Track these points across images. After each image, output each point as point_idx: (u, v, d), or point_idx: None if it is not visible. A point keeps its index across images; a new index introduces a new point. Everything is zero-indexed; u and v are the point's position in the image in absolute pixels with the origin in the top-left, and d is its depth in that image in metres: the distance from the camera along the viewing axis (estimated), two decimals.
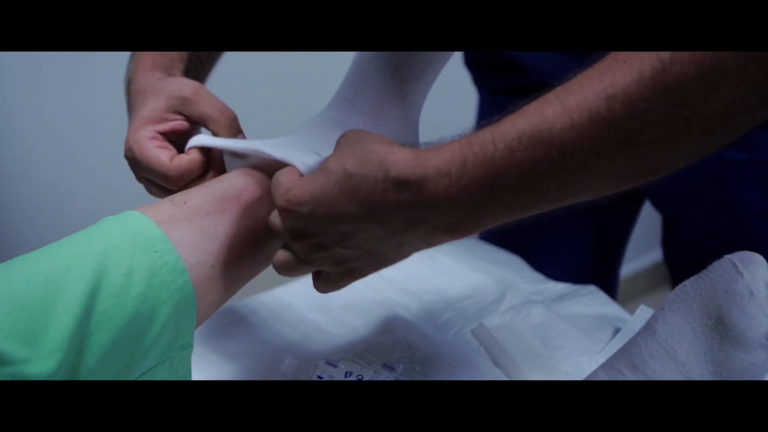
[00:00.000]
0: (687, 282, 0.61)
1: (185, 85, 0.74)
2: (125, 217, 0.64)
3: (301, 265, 0.63)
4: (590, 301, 0.90)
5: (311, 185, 0.59)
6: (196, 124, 0.74)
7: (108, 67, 0.90)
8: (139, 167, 0.72)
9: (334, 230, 0.59)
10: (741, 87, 0.51)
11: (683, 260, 1.00)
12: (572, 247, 1.10)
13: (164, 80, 0.75)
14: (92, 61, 1.80)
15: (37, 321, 0.55)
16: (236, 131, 0.74)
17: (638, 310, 0.83)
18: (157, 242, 0.62)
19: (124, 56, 0.85)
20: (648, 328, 0.61)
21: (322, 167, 0.59)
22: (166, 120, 0.73)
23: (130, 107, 0.76)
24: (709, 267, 0.61)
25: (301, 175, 0.62)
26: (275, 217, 0.62)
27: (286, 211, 0.60)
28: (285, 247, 0.63)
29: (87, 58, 1.79)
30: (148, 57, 0.78)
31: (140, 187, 0.79)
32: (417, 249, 0.61)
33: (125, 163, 0.79)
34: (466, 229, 0.58)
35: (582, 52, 0.55)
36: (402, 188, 0.56)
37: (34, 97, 1.87)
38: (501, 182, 0.53)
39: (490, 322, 0.85)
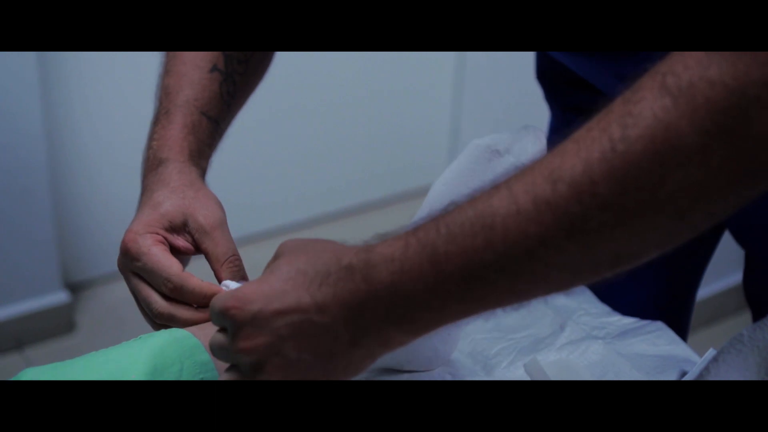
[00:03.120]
0: (744, 331, 0.56)
1: (211, 215, 0.72)
2: (175, 334, 0.66)
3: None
4: (656, 339, 0.84)
5: (260, 284, 0.56)
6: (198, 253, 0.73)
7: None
8: (138, 261, 0.69)
9: (283, 325, 0.55)
10: (706, 166, 0.45)
11: (765, 300, 0.93)
12: (643, 275, 1.03)
13: (195, 190, 0.73)
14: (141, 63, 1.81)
15: None
16: (240, 279, 0.72)
17: (706, 354, 0.76)
18: (205, 368, 0.65)
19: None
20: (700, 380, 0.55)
21: (270, 270, 0.57)
22: (177, 234, 0.72)
23: (152, 186, 0.74)
24: None
25: None
26: (214, 336, 0.59)
27: (233, 309, 0.56)
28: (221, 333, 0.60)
29: (143, 60, 1.80)
30: (180, 134, 0.76)
31: None
32: (372, 354, 0.56)
33: None
34: (419, 323, 0.54)
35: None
36: (352, 276, 0.53)
37: (94, 102, 1.91)
38: (443, 269, 0.50)
39: (544, 358, 0.80)
